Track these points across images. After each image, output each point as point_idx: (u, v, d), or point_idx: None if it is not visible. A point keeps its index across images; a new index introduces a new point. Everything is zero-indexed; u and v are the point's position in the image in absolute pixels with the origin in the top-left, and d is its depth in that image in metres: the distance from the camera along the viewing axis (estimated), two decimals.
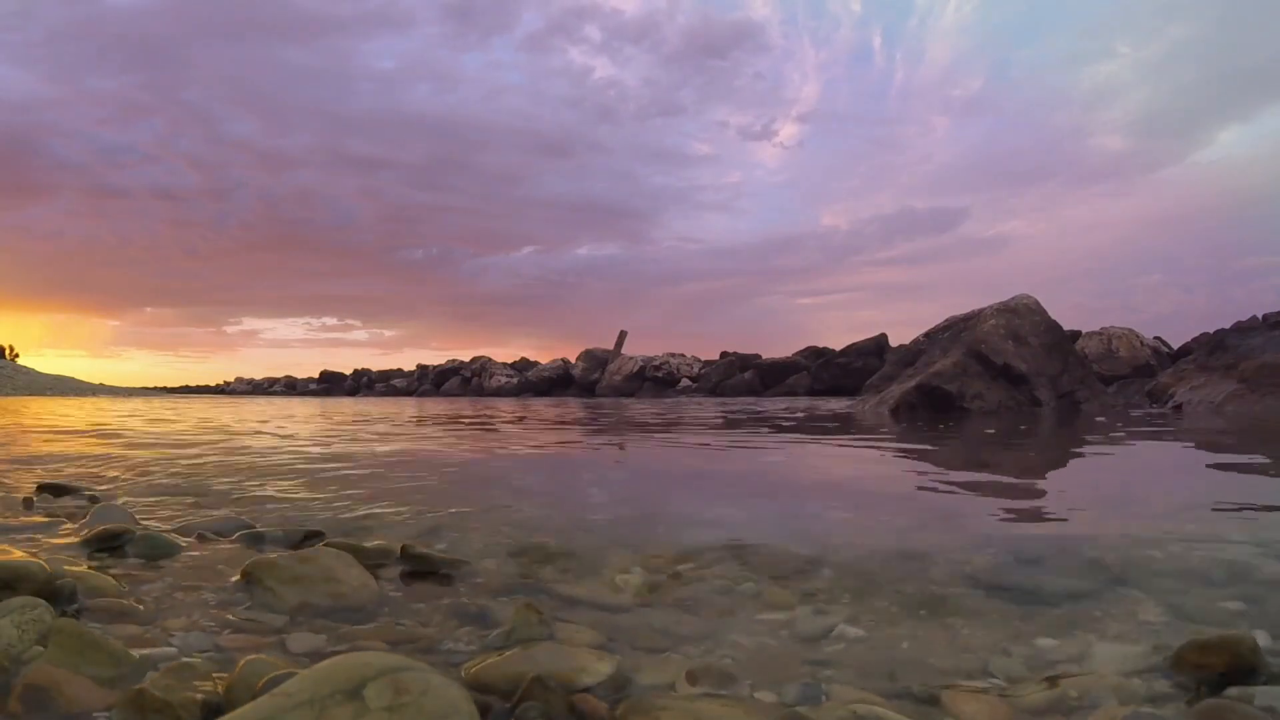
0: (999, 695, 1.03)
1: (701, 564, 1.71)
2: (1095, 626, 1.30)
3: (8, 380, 37.49)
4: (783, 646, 1.24)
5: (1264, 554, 1.71)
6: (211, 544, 1.89)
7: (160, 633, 1.22)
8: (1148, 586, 1.49)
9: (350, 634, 1.25)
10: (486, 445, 5.35)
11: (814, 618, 1.35)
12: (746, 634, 1.28)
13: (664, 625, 1.33)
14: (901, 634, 1.28)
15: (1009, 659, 1.17)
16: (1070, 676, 1.08)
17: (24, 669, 1.00)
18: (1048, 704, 1.00)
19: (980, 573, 1.62)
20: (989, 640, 1.25)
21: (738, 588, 1.54)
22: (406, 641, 1.23)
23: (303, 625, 1.29)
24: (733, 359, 34.31)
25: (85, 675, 1.00)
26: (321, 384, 50.60)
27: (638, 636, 1.27)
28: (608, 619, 1.36)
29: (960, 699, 1.02)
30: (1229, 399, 9.82)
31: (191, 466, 3.63)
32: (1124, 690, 1.03)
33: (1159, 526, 2.08)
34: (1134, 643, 1.21)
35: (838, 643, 1.25)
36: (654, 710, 0.95)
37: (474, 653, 1.18)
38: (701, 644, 1.24)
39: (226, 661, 1.10)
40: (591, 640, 1.24)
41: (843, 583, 1.55)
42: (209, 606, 1.38)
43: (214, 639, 1.20)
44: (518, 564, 1.73)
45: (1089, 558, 1.71)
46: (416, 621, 1.33)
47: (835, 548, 1.83)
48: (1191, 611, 1.36)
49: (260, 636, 1.23)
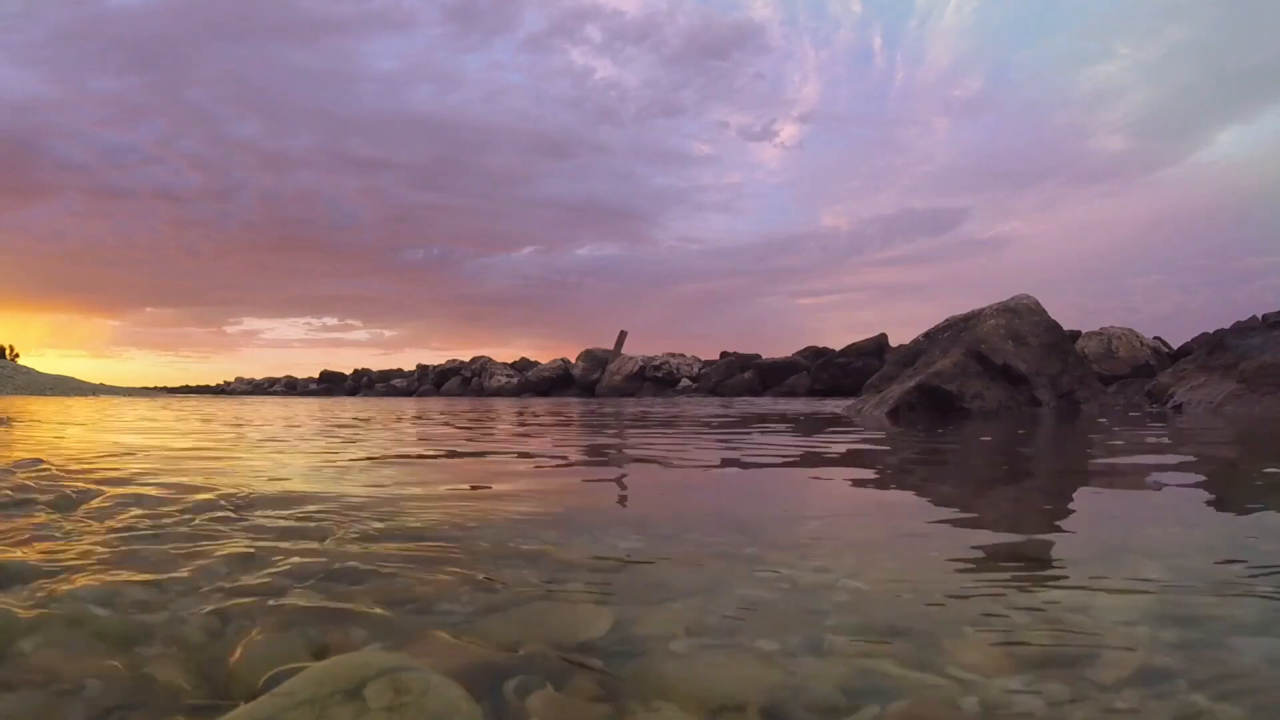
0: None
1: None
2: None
3: (8, 380, 37.50)
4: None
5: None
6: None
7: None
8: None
9: (346, 593, 1.25)
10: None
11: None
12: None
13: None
14: None
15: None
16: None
17: (19, 643, 1.01)
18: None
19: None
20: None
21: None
22: (406, 601, 1.23)
23: (297, 586, 1.29)
24: (733, 359, 34.32)
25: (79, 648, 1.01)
26: (321, 384, 50.60)
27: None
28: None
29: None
30: (1228, 399, 9.82)
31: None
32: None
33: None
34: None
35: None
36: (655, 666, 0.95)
37: (471, 614, 1.17)
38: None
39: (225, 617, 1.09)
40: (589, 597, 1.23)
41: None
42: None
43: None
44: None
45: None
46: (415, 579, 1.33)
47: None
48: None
49: (259, 598, 1.22)
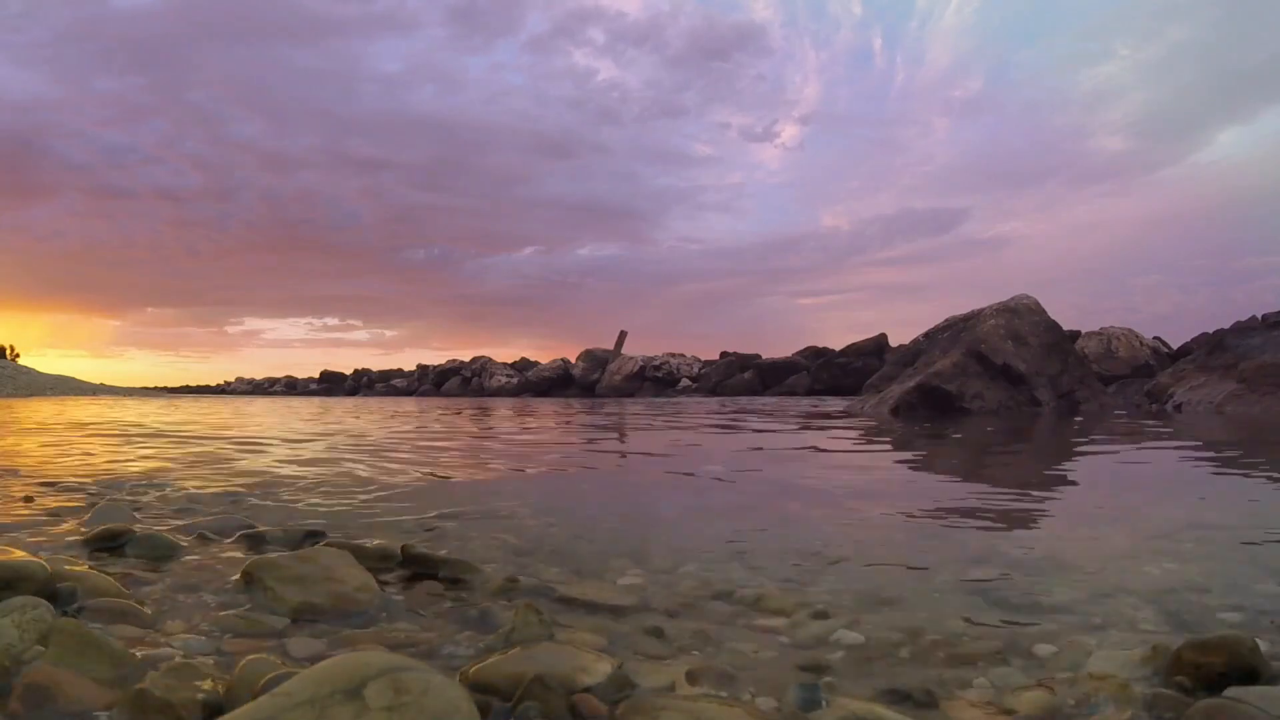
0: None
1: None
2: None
3: (8, 380, 37.45)
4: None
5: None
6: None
7: (161, 635, 1.22)
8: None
9: (351, 638, 1.25)
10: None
11: None
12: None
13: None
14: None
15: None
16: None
17: (25, 669, 1.00)
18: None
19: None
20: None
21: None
22: (407, 645, 1.23)
23: (304, 629, 1.29)
24: (733, 359, 34.28)
25: (86, 675, 1.00)
26: (322, 384, 50.55)
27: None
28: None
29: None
30: (1228, 399, 9.82)
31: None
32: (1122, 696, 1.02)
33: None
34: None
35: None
36: (654, 710, 0.95)
37: (474, 655, 1.18)
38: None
39: (228, 665, 1.09)
40: (592, 642, 1.23)
41: None
42: (209, 608, 1.37)
43: (215, 643, 1.20)
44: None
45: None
46: (418, 625, 1.33)
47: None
48: None
49: (260, 640, 1.23)
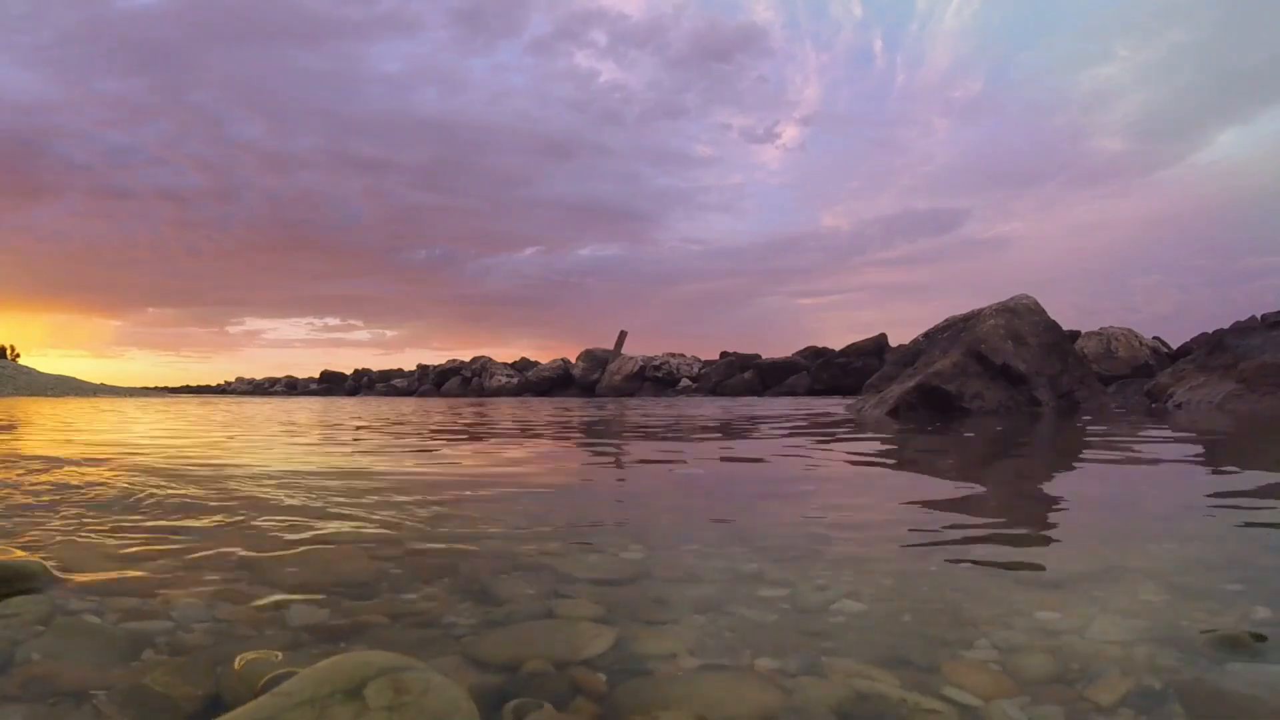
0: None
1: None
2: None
3: (9, 380, 37.45)
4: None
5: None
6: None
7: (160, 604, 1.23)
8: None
9: (351, 609, 1.26)
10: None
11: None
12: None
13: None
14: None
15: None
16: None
17: (22, 652, 1.01)
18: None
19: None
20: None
21: None
22: (407, 615, 1.23)
23: (304, 601, 1.29)
24: (733, 359, 34.30)
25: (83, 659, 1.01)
26: (322, 384, 50.56)
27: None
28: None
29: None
30: (1228, 399, 9.82)
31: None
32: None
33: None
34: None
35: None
36: (654, 686, 0.95)
37: (475, 627, 1.18)
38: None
39: (224, 635, 1.10)
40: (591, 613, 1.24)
41: None
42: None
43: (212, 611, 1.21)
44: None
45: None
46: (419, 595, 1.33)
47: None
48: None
49: (262, 612, 1.23)
